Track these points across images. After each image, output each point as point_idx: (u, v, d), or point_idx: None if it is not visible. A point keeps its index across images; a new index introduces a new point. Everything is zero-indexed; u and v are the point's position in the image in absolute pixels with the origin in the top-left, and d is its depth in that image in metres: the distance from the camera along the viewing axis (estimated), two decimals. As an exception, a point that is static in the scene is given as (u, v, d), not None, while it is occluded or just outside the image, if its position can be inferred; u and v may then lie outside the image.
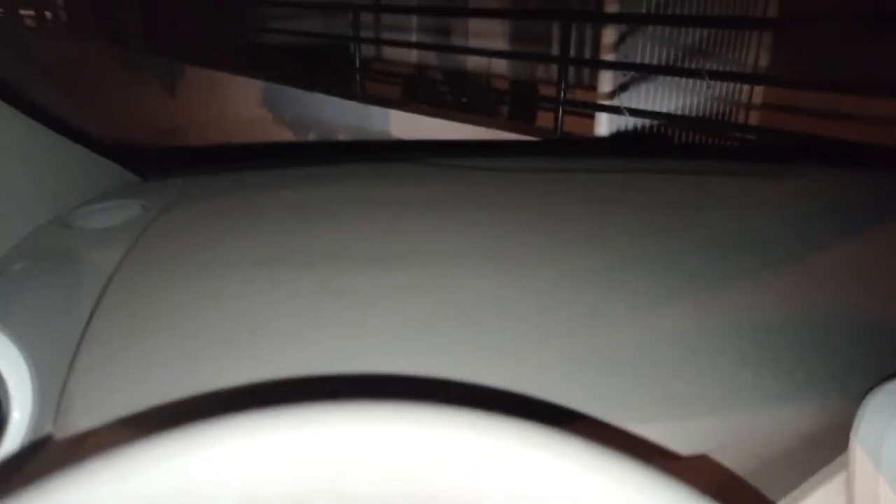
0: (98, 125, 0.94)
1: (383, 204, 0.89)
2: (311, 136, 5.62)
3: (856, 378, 0.59)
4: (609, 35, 4.34)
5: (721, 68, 4.57)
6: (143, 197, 0.90)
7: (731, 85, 4.77)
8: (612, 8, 4.37)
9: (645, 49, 4.31)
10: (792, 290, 0.72)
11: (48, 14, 8.65)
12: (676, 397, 0.58)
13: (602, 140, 3.97)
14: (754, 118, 4.98)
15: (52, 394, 0.58)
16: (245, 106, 6.03)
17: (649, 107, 4.36)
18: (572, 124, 4.31)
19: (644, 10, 4.23)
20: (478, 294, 0.69)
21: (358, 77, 5.65)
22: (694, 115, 4.56)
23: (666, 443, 0.55)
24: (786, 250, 0.77)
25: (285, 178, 1.03)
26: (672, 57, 4.41)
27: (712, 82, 4.50)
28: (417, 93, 6.55)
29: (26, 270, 0.68)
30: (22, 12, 8.22)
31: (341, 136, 5.41)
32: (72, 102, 0.97)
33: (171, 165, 1.10)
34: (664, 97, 4.45)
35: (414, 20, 6.98)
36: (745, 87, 4.89)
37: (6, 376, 0.54)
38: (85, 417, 0.56)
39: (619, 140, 4.10)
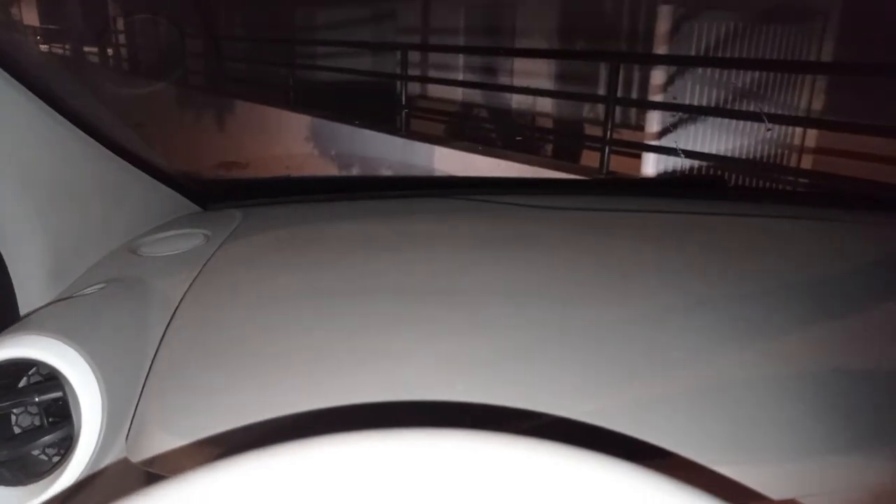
0: (160, 157, 0.97)
1: (438, 239, 0.89)
2: (356, 171, 5.71)
3: None
4: (658, 76, 4.33)
5: (772, 111, 4.50)
6: (204, 226, 0.92)
7: (783, 127, 4.70)
8: (661, 49, 4.37)
9: (694, 90, 4.28)
10: (881, 338, 0.70)
11: (110, 51, 9.11)
12: (768, 441, 0.57)
13: (651, 180, 3.93)
14: (806, 162, 4.88)
15: (121, 411, 0.59)
16: (294, 140, 6.17)
17: (697, 148, 4.31)
18: (618, 164, 4.29)
19: (693, 52, 4.21)
20: (562, 330, 0.68)
21: (404, 114, 5.75)
22: (744, 157, 4.48)
23: (756, 486, 0.54)
24: (852, 296, 0.76)
25: (338, 211, 1.05)
26: (722, 99, 4.36)
27: (767, 124, 4.44)
28: (462, 130, 6.62)
29: (99, 294, 0.70)
30: (86, 49, 8.67)
31: (385, 171, 5.48)
32: (135, 134, 1.00)
33: (228, 196, 1.13)
34: (713, 139, 4.40)
35: (460, 59, 7.09)
36: (798, 130, 4.81)
37: (79, 392, 0.55)
38: (158, 439, 0.57)
39: (667, 180, 4.05)
